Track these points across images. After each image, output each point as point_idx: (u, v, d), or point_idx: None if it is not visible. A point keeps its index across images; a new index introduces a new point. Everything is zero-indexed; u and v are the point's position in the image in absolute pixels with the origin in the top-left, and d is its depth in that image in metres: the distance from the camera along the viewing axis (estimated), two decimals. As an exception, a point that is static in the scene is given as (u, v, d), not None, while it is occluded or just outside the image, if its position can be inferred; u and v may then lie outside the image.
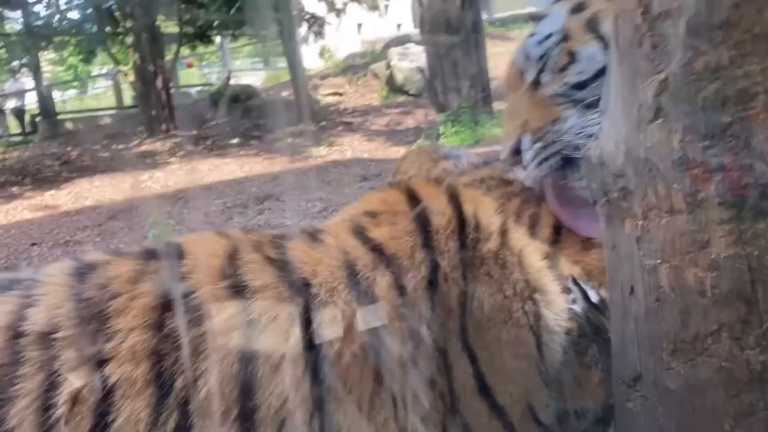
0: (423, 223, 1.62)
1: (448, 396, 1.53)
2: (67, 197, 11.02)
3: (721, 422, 1.38)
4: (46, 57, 22.41)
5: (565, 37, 1.87)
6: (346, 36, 21.07)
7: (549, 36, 1.90)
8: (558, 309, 1.65)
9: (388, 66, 18.37)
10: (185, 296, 1.34)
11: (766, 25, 1.22)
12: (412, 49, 18.29)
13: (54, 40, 17.06)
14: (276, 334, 1.37)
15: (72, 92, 26.94)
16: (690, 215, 1.34)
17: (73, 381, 1.24)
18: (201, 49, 21.08)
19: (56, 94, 22.23)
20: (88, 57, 18.08)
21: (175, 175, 11.93)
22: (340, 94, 18.57)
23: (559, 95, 1.85)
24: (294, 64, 16.02)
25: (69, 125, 18.46)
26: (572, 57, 1.85)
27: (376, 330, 1.46)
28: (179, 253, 1.44)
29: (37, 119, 19.17)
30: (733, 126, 1.27)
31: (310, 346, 1.39)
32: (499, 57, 18.71)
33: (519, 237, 1.68)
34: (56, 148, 16.01)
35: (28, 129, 19.70)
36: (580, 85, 1.83)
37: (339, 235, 1.57)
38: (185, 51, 19.99)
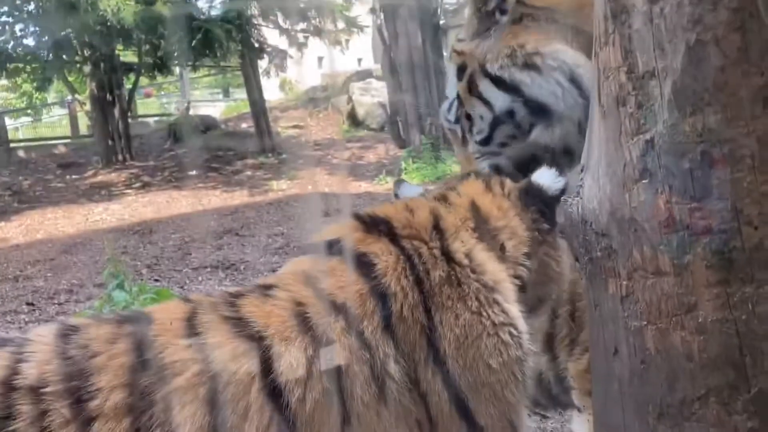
0: (367, 270, 1.66)
1: (427, 424, 1.58)
2: (18, 230, 10.66)
3: (710, 490, 1.35)
4: (-1, 84, 21.91)
5: (461, 102, 2.18)
6: (307, 69, 21.15)
7: (453, 101, 2.22)
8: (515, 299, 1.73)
9: (350, 100, 18.47)
10: (154, 356, 1.45)
11: (752, 88, 1.22)
12: (374, 84, 18.45)
13: (8, 67, 16.65)
14: (238, 385, 1.45)
15: (25, 120, 26.29)
16: (677, 277, 1.32)
17: None
18: (160, 78, 20.87)
19: (8, 121, 21.68)
20: (43, 85, 17.70)
21: (131, 207, 11.67)
22: (301, 127, 18.55)
23: (475, 152, 2.20)
24: (254, 96, 15.96)
25: (21, 154, 17.94)
26: (469, 119, 2.17)
27: (336, 373, 1.50)
28: (148, 319, 1.56)
29: (-12, 147, 18.64)
30: (720, 189, 1.26)
31: (273, 393, 1.46)
32: (459, 93, 18.99)
33: (461, 246, 1.73)
34: (7, 178, 15.53)
35: (-23, 157, 19.13)
36: (485, 141, 2.15)
37: (291, 287, 1.63)
38: (144, 80, 19.75)
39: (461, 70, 2.17)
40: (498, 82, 2.07)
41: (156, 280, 7.06)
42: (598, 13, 1.41)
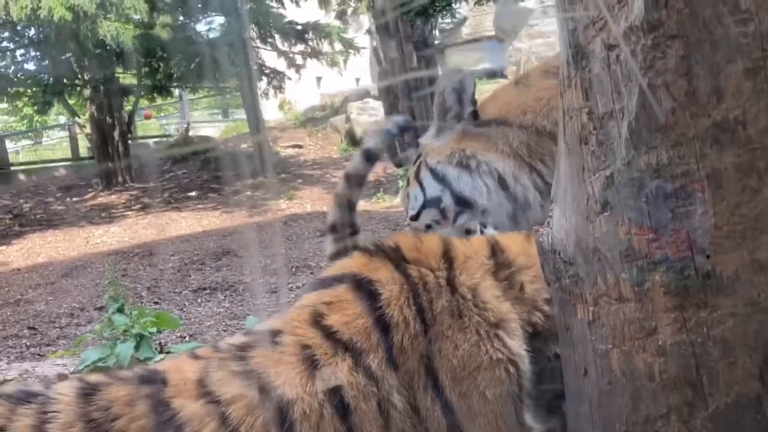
0: (372, 300, 1.71)
1: None
2: (19, 253, 10.76)
3: (673, 503, 1.43)
4: None
5: (407, 182, 2.76)
6: (305, 89, 21.34)
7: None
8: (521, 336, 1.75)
9: (348, 119, 18.64)
10: (172, 417, 1.56)
11: (700, 128, 1.32)
12: (371, 104, 18.63)
13: (9, 91, 16.84)
14: None
15: (26, 143, 26.49)
16: (638, 303, 1.41)
17: None
18: (159, 100, 21.08)
19: (9, 145, 21.86)
20: (44, 108, 17.89)
21: (131, 229, 11.77)
22: (300, 147, 18.71)
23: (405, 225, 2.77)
24: (253, 117, 16.13)
25: (22, 177, 18.10)
26: (408, 198, 2.72)
27: (346, 412, 1.58)
28: (163, 380, 1.65)
29: (-12, 170, 18.77)
30: (674, 221, 1.36)
31: None
32: (456, 111, 19.14)
33: (468, 279, 1.76)
34: (8, 201, 15.66)
35: (-22, 180, 19.26)
36: (414, 218, 2.68)
37: (297, 330, 1.69)
38: (143, 102, 19.95)
39: (417, 158, 2.73)
40: (434, 173, 2.60)
41: (156, 303, 7.14)
42: (562, 58, 1.51)
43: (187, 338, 5.93)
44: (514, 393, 1.69)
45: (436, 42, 15.21)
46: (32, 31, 16.10)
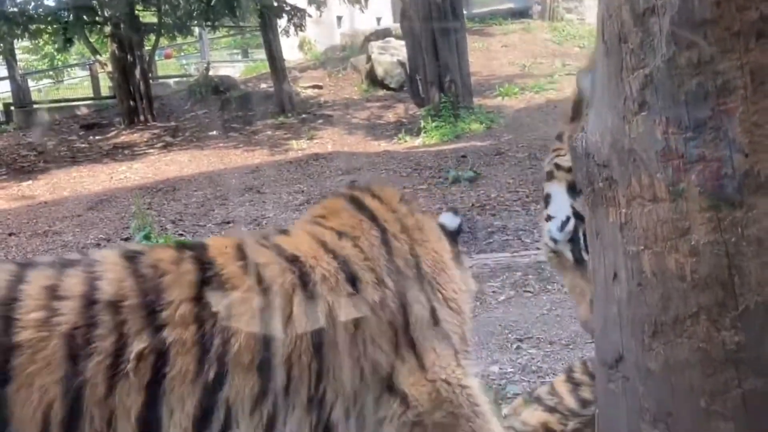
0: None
1: (402, 330, 1.89)
2: (45, 188, 10.91)
3: (698, 400, 1.45)
4: (20, 45, 22.05)
5: (579, 218, 2.07)
6: (325, 29, 21.03)
7: (567, 220, 2.13)
8: None
9: (369, 59, 18.37)
10: (215, 275, 1.74)
11: (745, 23, 1.29)
12: (393, 43, 18.32)
13: (29, 28, 16.77)
14: (284, 295, 1.78)
15: (47, 82, 26.51)
16: (672, 204, 1.41)
17: (139, 343, 1.60)
18: (180, 39, 20.91)
19: (31, 83, 21.89)
20: (65, 46, 17.81)
21: (154, 166, 11.86)
22: (320, 87, 18.54)
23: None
24: (273, 56, 15.97)
25: (45, 115, 18.18)
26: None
27: (353, 281, 1.89)
28: (203, 246, 1.86)
29: (11, 108, 18.86)
30: (714, 119, 1.34)
31: (311, 303, 1.79)
32: (479, 52, 18.81)
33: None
34: (32, 138, 15.80)
35: (1, 119, 19.38)
36: None
37: (305, 227, 2.06)
38: (164, 41, 19.80)
39: (573, 187, 2.08)
40: None
41: (180, 234, 7.25)
42: (603, -44, 1.47)
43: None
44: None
45: (460, -21, 14.81)
46: (52, -34, 15.94)
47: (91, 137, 15.52)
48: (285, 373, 1.72)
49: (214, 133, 14.66)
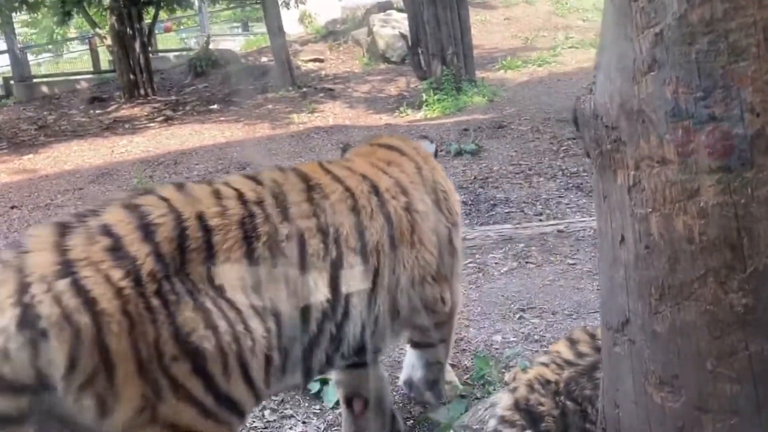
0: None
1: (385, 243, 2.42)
2: (46, 161, 10.86)
3: (705, 362, 1.45)
4: (19, 19, 21.82)
5: None
6: (326, 2, 20.80)
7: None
8: None
9: (370, 32, 18.19)
10: (315, 184, 2.30)
11: (760, -21, 1.26)
12: (394, 16, 18.13)
13: (27, 1, 16.59)
14: (365, 198, 2.37)
15: (47, 56, 26.29)
16: (681, 165, 1.40)
17: (284, 228, 2.10)
18: (179, 12, 20.69)
19: (30, 57, 21.70)
20: (63, 19, 17.63)
21: (155, 140, 11.79)
22: (321, 61, 18.37)
23: None
24: (274, 30, 15.81)
25: (44, 89, 18.04)
26: None
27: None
28: (295, 167, 2.43)
29: (11, 82, 18.72)
30: (724, 78, 1.32)
31: (383, 204, 2.42)
32: (481, 25, 18.61)
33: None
34: (32, 112, 15.69)
35: (1, 93, 19.25)
36: None
37: (359, 160, 2.65)
38: (163, 15, 19.60)
39: None
40: None
41: (182, 208, 7.22)
42: None
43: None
44: None
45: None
46: (50, -63, 15.72)
47: (91, 111, 15.41)
48: (375, 254, 2.31)
49: (215, 106, 14.57)
